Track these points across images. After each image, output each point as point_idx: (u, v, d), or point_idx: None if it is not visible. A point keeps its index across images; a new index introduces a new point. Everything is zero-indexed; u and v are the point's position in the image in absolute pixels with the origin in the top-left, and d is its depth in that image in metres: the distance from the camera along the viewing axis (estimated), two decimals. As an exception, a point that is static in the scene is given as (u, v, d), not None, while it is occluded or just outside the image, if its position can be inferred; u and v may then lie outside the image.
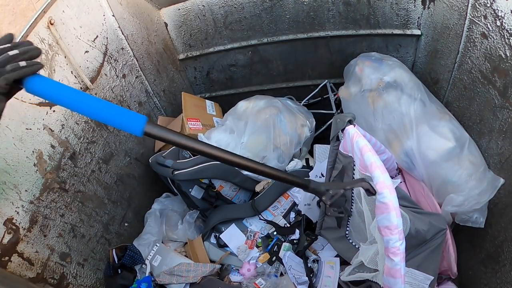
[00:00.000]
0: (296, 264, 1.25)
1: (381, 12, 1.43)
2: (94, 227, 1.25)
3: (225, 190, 1.44)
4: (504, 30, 0.94)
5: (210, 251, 1.37)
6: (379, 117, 1.28)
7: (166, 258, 1.35)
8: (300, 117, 1.52)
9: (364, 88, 1.36)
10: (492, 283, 1.06)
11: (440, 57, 1.32)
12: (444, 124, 1.17)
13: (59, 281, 1.06)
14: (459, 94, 1.23)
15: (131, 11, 1.46)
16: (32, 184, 1.00)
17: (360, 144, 0.83)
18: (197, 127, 1.54)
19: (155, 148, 1.62)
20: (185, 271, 1.28)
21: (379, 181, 0.73)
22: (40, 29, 1.04)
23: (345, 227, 1.17)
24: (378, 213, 0.74)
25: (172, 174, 1.31)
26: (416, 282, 1.00)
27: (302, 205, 1.36)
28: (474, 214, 1.07)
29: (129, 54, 1.46)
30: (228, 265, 1.37)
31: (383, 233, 0.73)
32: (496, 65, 1.00)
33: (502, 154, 1.03)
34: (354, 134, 0.86)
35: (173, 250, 1.39)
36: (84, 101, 0.60)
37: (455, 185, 1.10)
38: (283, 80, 1.84)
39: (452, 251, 1.12)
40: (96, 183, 1.26)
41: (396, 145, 1.23)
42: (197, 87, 1.95)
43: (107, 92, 1.32)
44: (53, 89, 0.59)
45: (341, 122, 0.92)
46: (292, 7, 1.50)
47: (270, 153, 1.40)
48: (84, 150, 1.21)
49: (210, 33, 1.67)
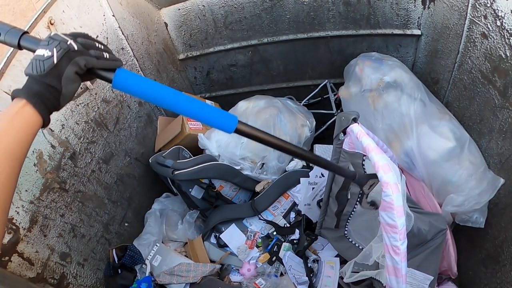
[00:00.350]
0: (296, 264, 1.25)
1: (381, 12, 1.43)
2: (94, 227, 1.25)
3: (225, 190, 1.44)
4: (504, 30, 0.94)
5: (210, 251, 1.37)
6: (379, 117, 1.28)
7: (166, 258, 1.35)
8: (300, 117, 1.52)
9: (364, 88, 1.36)
10: (492, 283, 1.06)
11: (440, 57, 1.32)
12: (444, 124, 1.17)
13: (59, 281, 1.06)
14: (459, 94, 1.23)
15: (131, 11, 1.46)
16: (32, 184, 1.00)
17: (365, 143, 0.83)
18: (197, 127, 1.54)
19: (155, 148, 1.62)
20: (185, 271, 1.28)
21: (383, 180, 0.73)
22: (40, 29, 1.04)
23: (344, 228, 1.17)
24: (381, 209, 0.74)
25: (172, 174, 1.31)
26: (416, 282, 1.00)
27: (302, 205, 1.36)
28: (474, 214, 1.07)
29: (129, 54, 1.45)
30: (228, 265, 1.36)
31: (385, 230, 0.73)
32: (496, 65, 1.00)
33: (502, 154, 1.03)
34: (359, 132, 0.86)
35: (173, 250, 1.39)
36: (181, 101, 0.58)
37: (455, 185, 1.10)
38: (283, 80, 1.84)
39: (452, 251, 1.12)
40: (96, 183, 1.26)
41: (396, 145, 1.23)
42: (197, 87, 1.95)
43: (107, 92, 1.32)
44: (145, 85, 0.55)
45: (345, 120, 0.92)
46: (292, 7, 1.50)
47: (270, 153, 1.40)
48: (84, 150, 1.21)
49: (210, 33, 1.67)
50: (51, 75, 0.48)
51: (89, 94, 1.23)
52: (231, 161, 1.41)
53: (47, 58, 0.48)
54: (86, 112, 1.22)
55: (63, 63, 0.49)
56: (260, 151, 1.40)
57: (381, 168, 0.75)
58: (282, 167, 1.44)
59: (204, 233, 1.41)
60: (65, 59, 0.49)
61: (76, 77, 0.51)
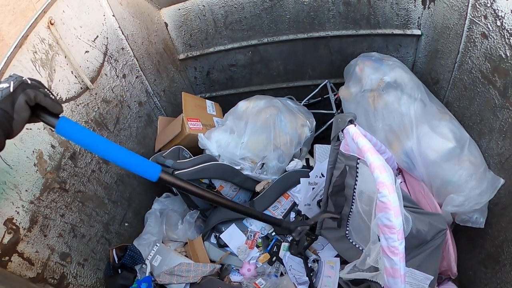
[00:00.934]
0: (296, 264, 1.25)
1: (381, 12, 1.43)
2: (94, 227, 1.25)
3: (225, 190, 1.44)
4: (504, 30, 0.94)
5: (210, 251, 1.37)
6: (379, 117, 1.28)
7: (166, 258, 1.35)
8: (300, 117, 1.52)
9: (364, 88, 1.36)
10: (492, 283, 1.06)
11: (440, 57, 1.32)
12: (444, 124, 1.17)
13: (59, 281, 1.06)
14: (459, 94, 1.23)
15: (131, 11, 1.46)
16: (32, 184, 1.00)
17: (360, 144, 0.83)
18: (197, 127, 1.54)
19: (155, 148, 1.62)
20: (185, 271, 1.28)
21: (379, 180, 0.73)
22: (40, 29, 1.04)
23: (345, 227, 1.17)
24: (378, 211, 0.74)
25: (172, 174, 1.31)
26: (416, 282, 1.00)
27: (302, 205, 1.36)
28: (474, 214, 1.07)
29: (129, 54, 1.46)
30: (228, 265, 1.37)
31: (382, 232, 0.73)
32: (496, 65, 1.00)
33: (502, 154, 1.03)
34: (354, 133, 0.87)
35: (173, 250, 1.39)
36: (110, 149, 0.68)
37: (455, 185, 1.09)
38: (283, 80, 1.84)
39: (452, 251, 1.12)
40: (96, 183, 1.27)
41: (396, 145, 1.23)
42: (197, 87, 1.95)
43: (108, 92, 1.32)
44: (82, 135, 0.65)
45: (342, 122, 0.92)
46: (292, 7, 1.50)
47: (270, 153, 1.40)
48: (84, 150, 1.21)
49: (210, 33, 1.67)
50: (6, 101, 0.57)
51: (89, 94, 1.23)
52: (231, 161, 1.41)
53: (5, 88, 0.57)
54: (86, 112, 1.22)
55: (17, 92, 0.58)
56: (260, 151, 1.41)
57: (377, 169, 0.75)
58: (282, 167, 1.44)
59: (204, 233, 1.42)
60: (19, 89, 0.58)
61: (26, 106, 0.59)
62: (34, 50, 1.02)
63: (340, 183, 1.05)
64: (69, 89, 1.15)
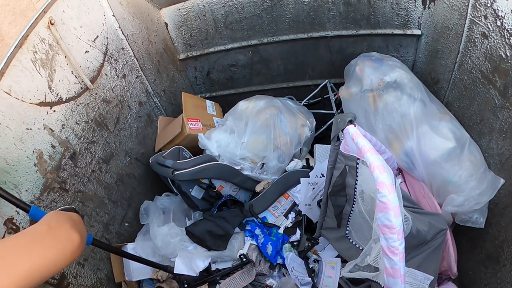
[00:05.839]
0: (298, 265, 1.25)
1: (381, 12, 1.43)
2: (94, 227, 1.25)
3: (225, 190, 1.44)
4: (504, 30, 0.94)
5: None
6: (379, 117, 1.28)
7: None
8: (300, 117, 1.52)
9: (364, 88, 1.36)
10: (492, 283, 1.06)
11: (441, 57, 1.32)
12: (444, 124, 1.17)
13: (59, 281, 1.06)
14: (460, 94, 1.23)
15: (131, 11, 1.46)
16: (32, 184, 1.00)
17: (360, 144, 0.83)
18: (198, 127, 1.54)
19: (155, 148, 1.62)
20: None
21: (379, 180, 0.73)
22: (41, 29, 1.04)
23: (345, 227, 1.17)
24: (378, 211, 0.74)
25: (172, 174, 1.31)
26: (416, 282, 1.00)
27: (302, 205, 1.36)
28: (475, 214, 1.07)
29: (129, 54, 1.46)
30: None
31: (382, 232, 0.73)
32: (497, 65, 1.00)
33: (503, 154, 1.03)
34: (354, 133, 0.87)
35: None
36: None
37: (456, 185, 1.09)
38: (283, 80, 1.84)
39: (452, 251, 1.12)
40: (97, 183, 1.27)
41: (396, 145, 1.23)
42: (197, 87, 1.95)
43: (108, 92, 1.32)
44: None
45: (341, 122, 0.92)
46: (292, 7, 1.50)
47: (270, 153, 1.40)
48: (85, 150, 1.21)
49: (211, 33, 1.67)
50: None
51: (89, 94, 1.23)
52: (231, 161, 1.41)
53: None
54: (86, 112, 1.22)
55: None
56: (260, 151, 1.41)
57: (377, 168, 0.75)
58: (282, 167, 1.44)
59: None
60: None
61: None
62: (34, 50, 1.02)
63: (340, 183, 1.05)
64: (69, 89, 1.15)
